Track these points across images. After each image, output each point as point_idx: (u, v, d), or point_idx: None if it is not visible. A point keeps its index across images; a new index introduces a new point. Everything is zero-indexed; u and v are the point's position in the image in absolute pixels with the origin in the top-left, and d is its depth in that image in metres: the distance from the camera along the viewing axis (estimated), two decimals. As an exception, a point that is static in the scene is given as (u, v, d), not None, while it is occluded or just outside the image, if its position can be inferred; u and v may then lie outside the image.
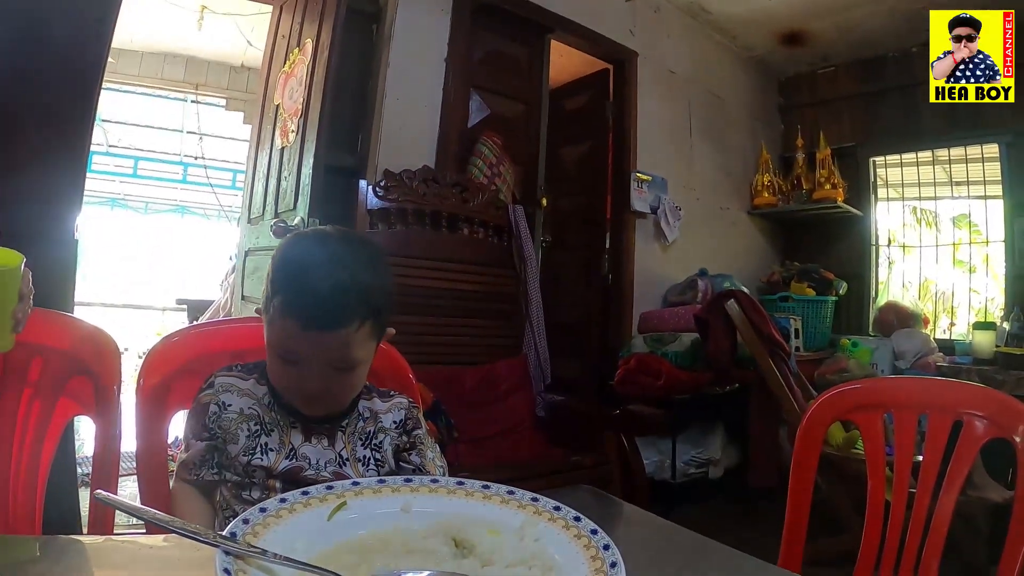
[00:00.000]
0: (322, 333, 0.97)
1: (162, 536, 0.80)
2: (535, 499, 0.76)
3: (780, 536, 1.36)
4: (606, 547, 0.65)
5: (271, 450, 1.06)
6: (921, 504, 1.29)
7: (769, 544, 1.33)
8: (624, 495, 2.70)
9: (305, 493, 0.73)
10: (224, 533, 0.62)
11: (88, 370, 1.20)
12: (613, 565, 0.62)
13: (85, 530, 1.86)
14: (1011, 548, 1.15)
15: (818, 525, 1.40)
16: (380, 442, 1.12)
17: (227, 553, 0.59)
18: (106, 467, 1.16)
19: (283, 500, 0.71)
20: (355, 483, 0.77)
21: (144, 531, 0.87)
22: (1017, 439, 1.21)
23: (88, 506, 1.19)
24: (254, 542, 0.63)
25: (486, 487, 0.79)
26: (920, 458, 1.34)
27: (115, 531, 1.16)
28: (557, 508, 0.74)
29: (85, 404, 1.21)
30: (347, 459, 1.09)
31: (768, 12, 4.70)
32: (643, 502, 2.72)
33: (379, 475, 1.09)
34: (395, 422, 1.15)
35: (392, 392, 1.19)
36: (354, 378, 1.06)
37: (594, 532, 0.68)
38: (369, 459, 1.11)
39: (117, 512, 1.01)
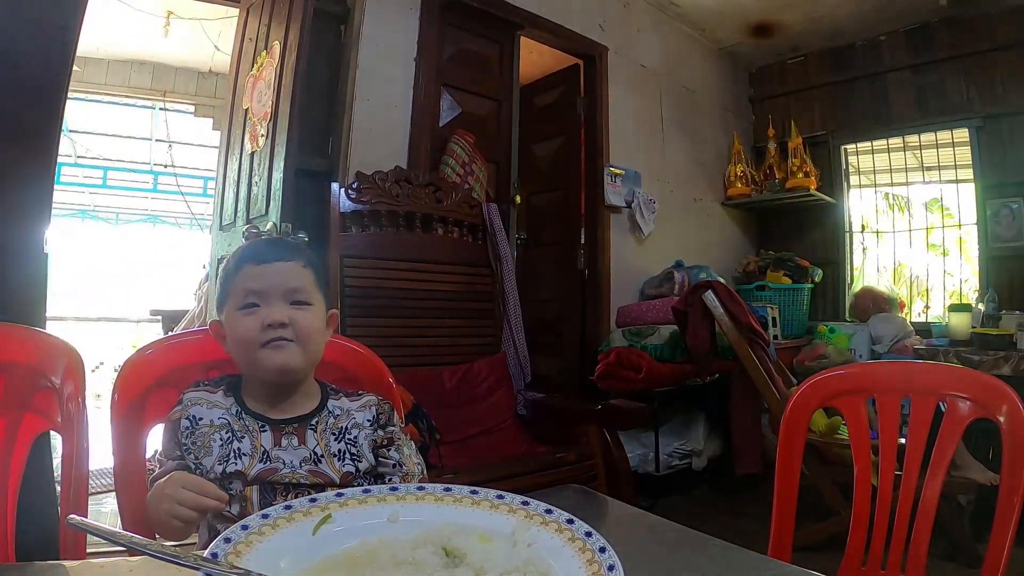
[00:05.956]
0: (275, 264, 1.11)
1: (141, 557, 0.78)
2: (525, 503, 0.75)
3: (766, 521, 1.36)
4: (602, 550, 0.64)
5: (244, 455, 1.06)
6: (908, 487, 1.29)
7: (755, 529, 1.33)
8: (609, 490, 2.69)
9: (288, 507, 0.71)
10: (205, 554, 0.60)
11: (53, 384, 1.16)
12: (611, 568, 0.61)
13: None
14: (1000, 524, 1.15)
15: (804, 510, 1.40)
16: (355, 437, 1.13)
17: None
18: (75, 484, 1.12)
19: (265, 516, 0.69)
20: (339, 494, 0.76)
21: (123, 550, 0.84)
22: (1001, 419, 1.21)
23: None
24: (237, 562, 0.60)
25: (474, 492, 0.77)
26: (903, 441, 1.34)
27: (94, 552, 1.13)
28: (549, 511, 0.72)
29: (51, 419, 1.17)
30: (321, 455, 1.09)
31: (737, 4, 4.73)
32: (628, 496, 2.72)
33: (357, 469, 1.10)
34: (368, 419, 1.16)
35: (360, 392, 1.21)
36: (309, 318, 1.11)
37: (588, 535, 0.67)
38: (344, 452, 1.11)
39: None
